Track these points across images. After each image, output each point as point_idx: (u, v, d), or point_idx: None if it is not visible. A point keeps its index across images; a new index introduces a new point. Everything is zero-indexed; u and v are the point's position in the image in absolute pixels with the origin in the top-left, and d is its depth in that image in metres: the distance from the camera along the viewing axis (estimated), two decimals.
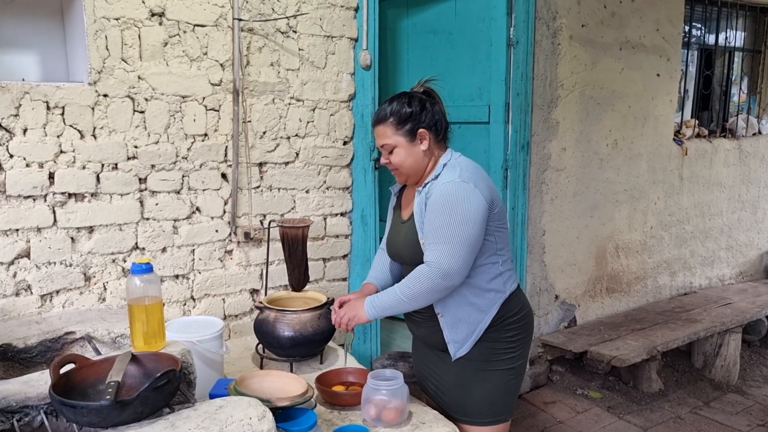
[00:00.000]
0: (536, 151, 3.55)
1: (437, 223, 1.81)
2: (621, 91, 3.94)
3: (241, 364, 2.35)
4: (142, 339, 1.79)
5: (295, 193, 2.69)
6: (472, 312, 1.91)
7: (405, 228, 1.98)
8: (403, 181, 2.00)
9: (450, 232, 1.79)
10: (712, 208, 4.77)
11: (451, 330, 1.94)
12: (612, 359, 3.42)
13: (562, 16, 3.53)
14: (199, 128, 2.42)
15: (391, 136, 1.90)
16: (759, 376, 4.14)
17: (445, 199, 1.81)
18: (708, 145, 4.65)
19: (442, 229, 1.80)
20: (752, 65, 5.12)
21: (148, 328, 1.80)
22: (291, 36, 2.57)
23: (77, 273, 2.26)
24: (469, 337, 1.93)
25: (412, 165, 1.92)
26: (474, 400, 1.97)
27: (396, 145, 1.90)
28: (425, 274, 1.81)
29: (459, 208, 1.80)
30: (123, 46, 2.23)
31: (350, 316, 1.95)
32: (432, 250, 1.81)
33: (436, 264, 1.79)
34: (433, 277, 1.80)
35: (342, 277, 2.89)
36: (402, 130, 1.89)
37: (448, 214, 1.79)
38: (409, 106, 1.89)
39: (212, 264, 2.53)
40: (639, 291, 4.38)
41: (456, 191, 1.81)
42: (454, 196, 1.81)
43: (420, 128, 1.89)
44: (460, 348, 1.95)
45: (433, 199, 1.84)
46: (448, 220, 1.79)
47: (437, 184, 1.86)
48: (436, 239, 1.81)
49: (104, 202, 2.27)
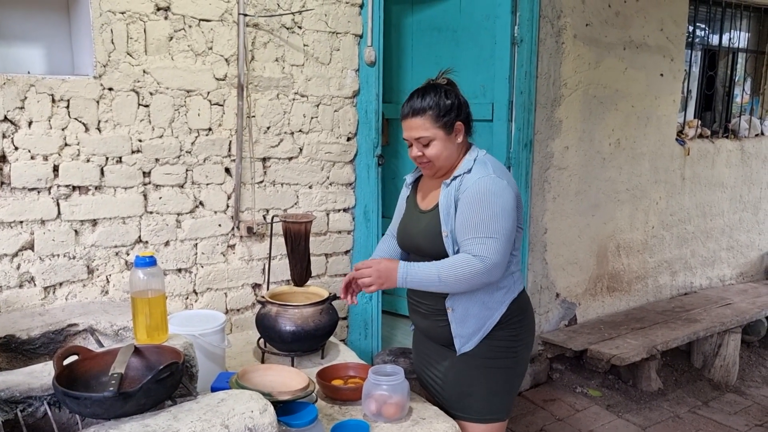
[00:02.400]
0: (539, 150, 3.55)
1: (479, 218, 1.80)
2: (624, 90, 3.94)
3: (242, 358, 2.36)
4: (145, 332, 1.80)
5: (299, 188, 2.70)
6: (482, 309, 1.91)
7: (426, 219, 1.95)
8: (432, 173, 1.94)
9: (495, 227, 1.79)
10: (714, 209, 4.77)
11: (459, 325, 1.93)
12: (612, 358, 3.43)
13: (566, 15, 3.53)
14: (204, 123, 2.43)
15: (429, 129, 1.84)
16: (758, 377, 4.15)
17: (485, 194, 1.80)
18: (710, 145, 4.65)
19: (486, 223, 1.79)
20: (756, 66, 5.11)
21: (150, 321, 1.81)
22: (296, 32, 2.58)
23: (80, 265, 2.27)
24: (476, 334, 1.93)
25: (447, 158, 1.88)
26: (474, 398, 1.98)
27: (434, 138, 1.84)
28: (472, 264, 1.79)
29: (499, 203, 1.80)
30: (128, 40, 2.23)
31: (375, 282, 1.86)
32: (478, 244, 1.79)
33: (486, 258, 1.78)
34: (480, 270, 1.79)
35: (344, 273, 2.90)
36: (440, 123, 1.84)
37: (490, 208, 1.79)
38: (447, 98, 1.85)
39: (215, 258, 2.54)
40: (639, 290, 4.38)
41: (494, 187, 1.82)
42: (492, 191, 1.81)
43: (457, 121, 1.87)
44: (466, 343, 1.95)
45: (471, 194, 1.82)
46: (491, 215, 1.79)
47: (470, 179, 1.84)
48: (481, 233, 1.79)
49: (108, 195, 2.28)
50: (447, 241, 1.87)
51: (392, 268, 1.86)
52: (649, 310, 4.24)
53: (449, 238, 1.87)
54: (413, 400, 1.95)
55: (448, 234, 1.86)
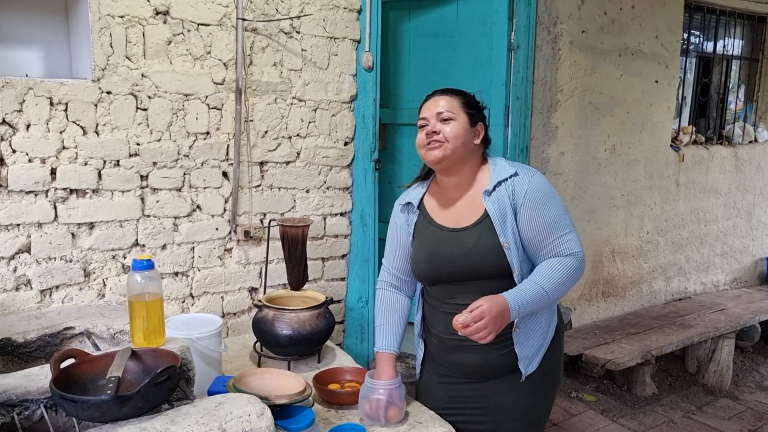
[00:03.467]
0: (535, 155, 3.57)
1: (554, 216, 1.73)
2: (620, 96, 3.97)
3: (239, 362, 2.36)
4: (142, 335, 1.80)
5: (296, 192, 2.71)
6: (540, 320, 1.80)
7: (472, 235, 1.78)
8: (438, 159, 1.76)
9: (568, 220, 1.76)
10: (708, 215, 4.80)
11: (524, 345, 1.79)
12: (607, 363, 3.45)
13: (562, 21, 3.55)
14: (202, 127, 2.43)
15: (455, 109, 1.76)
16: (751, 382, 4.17)
17: (548, 191, 1.75)
18: (705, 152, 4.68)
19: (560, 219, 1.73)
20: (749, 73, 5.16)
21: (148, 325, 1.81)
22: (294, 36, 2.59)
23: (77, 269, 2.27)
24: (539, 351, 1.81)
25: (460, 146, 1.75)
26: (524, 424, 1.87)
27: (456, 119, 1.75)
28: (570, 264, 1.71)
29: (559, 197, 1.78)
30: (127, 44, 2.24)
31: (496, 329, 1.64)
32: (566, 241, 1.72)
33: (577, 253, 1.73)
34: (577, 266, 1.72)
35: (341, 277, 2.91)
36: (467, 111, 1.78)
37: (558, 203, 1.75)
38: (474, 99, 1.84)
39: (212, 262, 2.54)
40: (634, 295, 4.40)
41: (548, 183, 1.79)
42: (550, 187, 1.78)
43: (480, 122, 1.82)
44: (531, 363, 1.80)
45: (533, 194, 1.72)
46: (561, 210, 1.75)
47: (523, 181, 1.74)
48: (562, 229, 1.73)
49: (105, 198, 2.28)
50: (509, 252, 1.72)
51: (503, 308, 1.64)
52: (644, 316, 4.26)
53: (511, 248, 1.72)
54: (409, 404, 1.95)
55: (509, 244, 1.72)
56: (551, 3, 3.48)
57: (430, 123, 1.78)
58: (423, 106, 1.84)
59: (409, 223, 1.90)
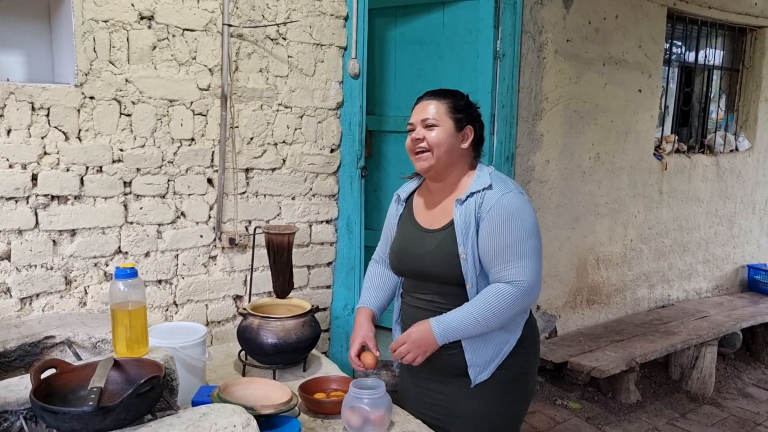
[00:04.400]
0: (520, 163, 3.59)
1: (510, 238, 1.71)
2: (604, 105, 4.00)
3: (223, 371, 2.33)
4: (125, 344, 1.77)
5: (281, 199, 2.69)
6: (499, 332, 1.80)
7: (436, 239, 1.82)
8: (426, 167, 1.79)
9: (527, 246, 1.71)
10: (690, 222, 4.85)
11: (474, 353, 1.81)
12: (592, 370, 3.46)
13: (547, 30, 3.58)
14: (186, 133, 2.41)
15: (438, 114, 1.76)
16: (734, 389, 4.21)
17: (513, 212, 1.72)
18: (687, 160, 4.73)
19: (517, 243, 1.70)
20: (730, 83, 5.23)
21: (131, 334, 1.78)
22: (280, 43, 2.57)
23: (58, 276, 2.23)
24: (493, 361, 1.81)
25: (445, 153, 1.77)
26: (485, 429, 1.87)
27: (441, 125, 1.76)
28: (510, 296, 1.70)
29: (527, 220, 1.73)
30: (111, 49, 2.21)
31: (419, 353, 1.77)
32: (511, 267, 1.71)
33: (521, 282, 1.70)
34: (518, 296, 1.71)
35: (326, 285, 2.89)
36: (452, 116, 1.77)
37: (521, 227, 1.71)
38: (463, 100, 1.82)
39: (196, 269, 2.51)
40: (618, 303, 4.43)
41: (520, 203, 1.75)
42: (519, 208, 1.73)
43: (470, 124, 1.80)
44: (482, 372, 1.82)
45: (497, 212, 1.72)
46: (523, 234, 1.71)
47: (492, 196, 1.74)
48: (513, 255, 1.70)
49: (88, 205, 2.25)
50: (465, 264, 1.75)
51: (426, 333, 1.76)
52: (628, 323, 4.29)
53: (468, 260, 1.75)
54: (395, 413, 1.94)
55: (467, 256, 1.74)
56: (536, 12, 3.50)
57: (416, 129, 1.80)
58: (413, 109, 1.86)
59: (397, 215, 1.98)
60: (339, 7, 2.70)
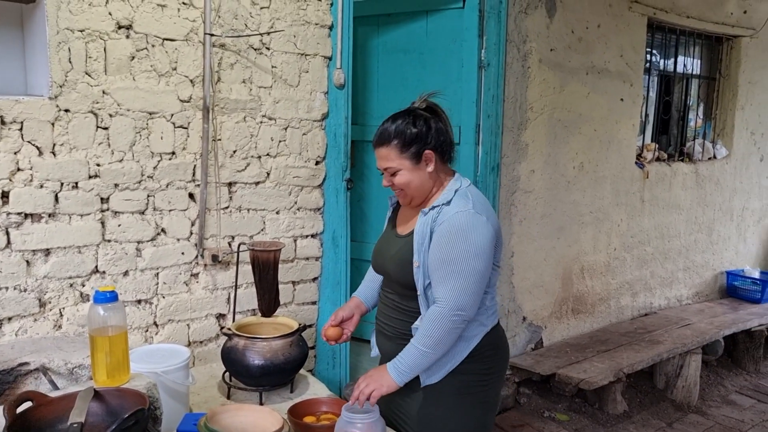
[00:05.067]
0: (506, 173, 3.55)
1: (449, 256, 1.73)
2: (587, 114, 3.99)
3: (206, 393, 2.25)
4: (105, 372, 1.69)
5: (265, 213, 2.61)
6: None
7: (399, 244, 1.89)
8: (407, 203, 1.89)
9: (462, 266, 1.72)
10: (671, 230, 4.87)
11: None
12: (580, 382, 3.42)
13: (531, 39, 3.55)
14: (167, 146, 2.32)
15: (395, 159, 1.80)
16: (717, 396, 4.22)
17: (459, 230, 1.73)
18: (667, 168, 4.76)
19: (454, 262, 1.72)
20: (708, 92, 5.28)
21: (111, 361, 1.70)
22: (264, 53, 2.50)
23: (32, 299, 2.12)
24: (442, 368, 1.83)
25: (417, 187, 1.83)
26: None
27: (400, 168, 1.80)
28: (440, 316, 1.73)
29: (472, 240, 1.73)
30: (87, 59, 2.12)
31: (374, 388, 1.78)
32: (443, 287, 1.74)
33: (449, 302, 1.72)
34: (448, 316, 1.72)
35: (312, 301, 2.81)
36: (407, 153, 1.79)
37: (462, 246, 1.72)
38: (414, 126, 1.78)
39: (177, 288, 2.42)
40: (603, 312, 4.42)
41: (471, 222, 1.74)
42: (468, 227, 1.74)
43: (426, 150, 1.80)
44: (432, 375, 1.84)
45: (445, 228, 1.75)
46: (461, 254, 1.72)
47: (448, 212, 1.77)
48: (447, 273, 1.73)
49: (63, 222, 2.14)
50: (417, 272, 1.79)
51: (381, 371, 1.80)
52: (613, 332, 4.27)
53: (420, 270, 1.79)
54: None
55: (419, 265, 1.79)
56: (521, 21, 3.48)
57: (385, 176, 1.87)
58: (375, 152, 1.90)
59: (387, 218, 2.06)
60: (324, 16, 2.63)
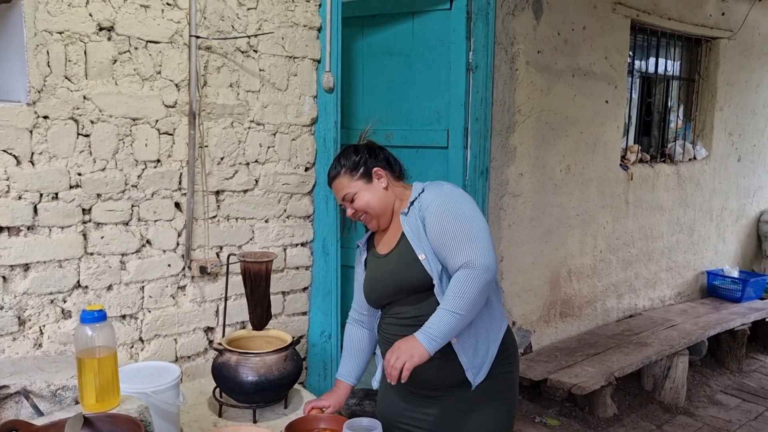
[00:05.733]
0: (495, 177, 3.51)
1: (453, 229, 1.75)
2: (573, 117, 3.97)
3: (196, 412, 2.15)
4: (94, 396, 1.59)
5: (254, 222, 2.51)
6: (483, 330, 1.84)
7: (393, 256, 1.88)
8: (375, 226, 1.94)
9: (469, 230, 1.74)
10: (654, 231, 4.88)
11: (467, 355, 1.82)
12: (573, 387, 3.40)
13: (519, 41, 3.52)
14: (152, 154, 2.21)
15: (348, 185, 1.89)
16: (704, 396, 4.24)
17: (447, 204, 1.79)
18: (650, 170, 4.77)
19: (460, 230, 1.74)
20: (687, 93, 5.32)
21: (100, 384, 1.59)
22: (251, 56, 2.41)
23: (10, 316, 2.00)
24: (485, 360, 1.85)
25: (378, 204, 1.89)
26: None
27: (356, 191, 1.88)
28: (470, 277, 1.70)
29: (462, 206, 1.78)
30: (67, 63, 2.00)
31: (405, 360, 1.69)
32: (462, 253, 1.72)
33: (473, 262, 1.70)
34: (479, 276, 1.69)
35: (302, 311, 2.72)
36: (357, 175, 1.89)
37: (459, 215, 1.76)
38: (356, 154, 1.91)
39: (164, 301, 2.31)
40: (589, 314, 4.41)
41: (452, 194, 1.82)
42: (451, 197, 1.81)
43: (374, 167, 1.90)
44: (479, 373, 1.84)
45: (434, 208, 1.79)
46: (463, 221, 1.75)
47: (428, 197, 1.83)
48: (461, 242, 1.73)
49: (42, 236, 2.02)
50: (427, 264, 1.79)
51: (411, 340, 1.72)
52: (600, 335, 4.26)
53: (428, 261, 1.79)
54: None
55: (425, 256, 1.79)
56: (508, 23, 3.44)
57: (345, 206, 1.93)
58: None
59: (361, 261, 2.05)
60: (312, 18, 2.55)
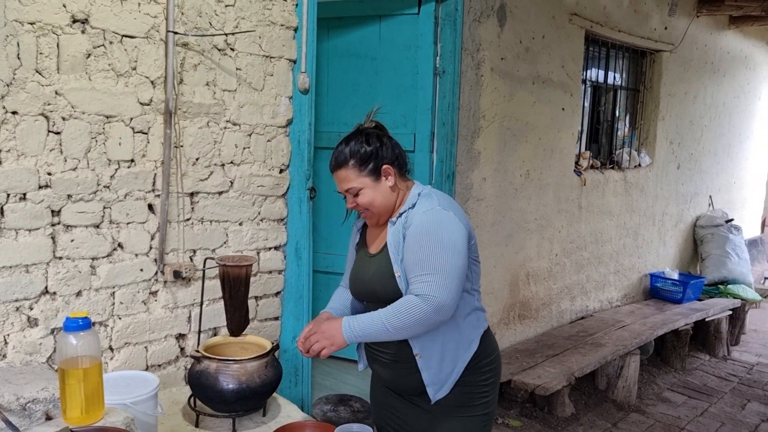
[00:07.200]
0: (460, 181, 3.54)
1: (423, 254, 1.70)
2: (533, 123, 4.06)
3: (171, 422, 2.07)
4: (79, 409, 1.51)
5: (228, 225, 2.44)
6: (450, 350, 1.80)
7: (375, 262, 1.85)
8: (375, 222, 1.89)
9: (439, 262, 1.68)
10: (604, 235, 5.05)
11: (429, 371, 1.81)
12: (536, 388, 3.46)
13: (484, 48, 3.57)
14: (125, 153, 2.11)
15: (354, 180, 1.81)
16: (652, 394, 4.41)
17: (429, 228, 1.72)
18: (600, 176, 4.94)
19: (429, 259, 1.69)
20: (633, 103, 5.54)
21: (85, 395, 1.51)
22: (228, 54, 2.34)
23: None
24: (449, 378, 1.82)
25: (382, 203, 1.84)
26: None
27: (362, 187, 1.81)
28: (416, 306, 1.67)
29: (444, 236, 1.71)
30: (38, 56, 1.89)
31: (325, 344, 1.74)
32: (422, 282, 1.68)
33: (429, 297, 1.67)
34: (426, 310, 1.67)
35: (274, 316, 2.66)
36: (365, 171, 1.81)
37: (434, 243, 1.70)
38: (368, 144, 1.81)
39: (135, 308, 2.21)
40: (545, 316, 4.51)
41: (438, 219, 1.74)
42: (436, 223, 1.73)
43: (383, 164, 1.82)
44: (440, 390, 1.82)
45: (415, 228, 1.74)
46: (435, 250, 1.69)
47: (416, 213, 1.78)
48: (425, 270, 1.69)
49: (8, 239, 1.90)
50: (400, 282, 1.76)
51: (335, 327, 1.75)
52: (557, 336, 4.37)
53: (402, 278, 1.76)
54: None
55: (400, 274, 1.76)
56: (474, 29, 3.48)
57: (348, 198, 1.86)
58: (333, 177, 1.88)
59: (353, 243, 2.03)
60: (289, 17, 2.50)
